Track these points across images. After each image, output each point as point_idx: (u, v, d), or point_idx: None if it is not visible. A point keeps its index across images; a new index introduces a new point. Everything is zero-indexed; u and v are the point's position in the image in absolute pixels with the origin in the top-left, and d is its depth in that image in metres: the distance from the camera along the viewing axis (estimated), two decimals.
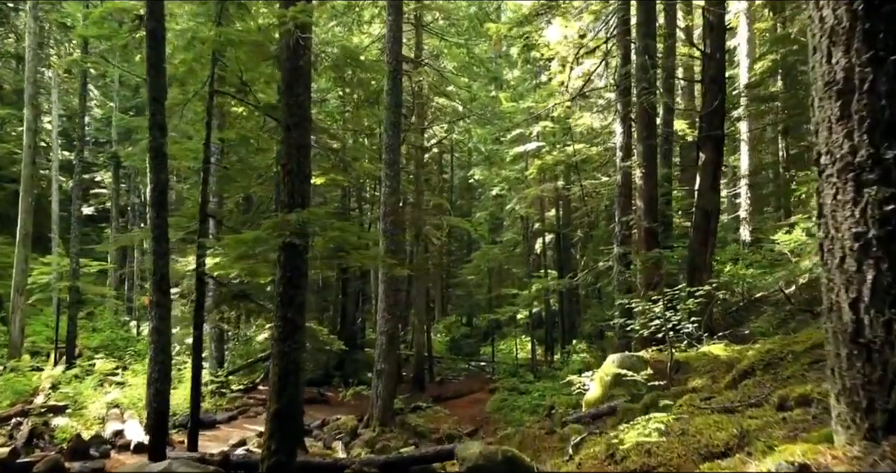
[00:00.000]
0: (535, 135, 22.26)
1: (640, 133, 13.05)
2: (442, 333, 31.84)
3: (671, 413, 4.45)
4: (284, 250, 6.95)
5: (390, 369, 14.45)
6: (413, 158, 22.53)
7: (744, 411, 3.99)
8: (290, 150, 7.14)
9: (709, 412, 4.19)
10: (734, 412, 4.02)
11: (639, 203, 12.88)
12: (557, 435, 7.26)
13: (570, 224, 24.73)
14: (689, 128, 19.38)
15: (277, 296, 7.03)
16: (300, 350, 7.00)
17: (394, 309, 14.63)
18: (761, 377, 5.40)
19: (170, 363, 8.24)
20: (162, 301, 8.28)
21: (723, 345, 8.79)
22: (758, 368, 5.64)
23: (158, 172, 8.35)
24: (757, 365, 5.67)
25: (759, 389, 4.93)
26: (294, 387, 6.90)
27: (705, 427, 3.58)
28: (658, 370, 8.63)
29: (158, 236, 8.25)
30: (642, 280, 12.19)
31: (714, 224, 12.58)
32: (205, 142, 9.33)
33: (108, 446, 11.37)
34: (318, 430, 13.93)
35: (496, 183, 26.49)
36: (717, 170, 12.46)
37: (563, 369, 19.09)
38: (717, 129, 12.22)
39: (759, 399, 4.22)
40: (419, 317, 22.05)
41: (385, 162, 14.63)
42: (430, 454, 8.47)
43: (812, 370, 4.94)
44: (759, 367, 5.62)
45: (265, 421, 6.88)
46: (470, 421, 16.69)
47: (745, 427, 3.26)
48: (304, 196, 7.12)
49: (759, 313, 14.05)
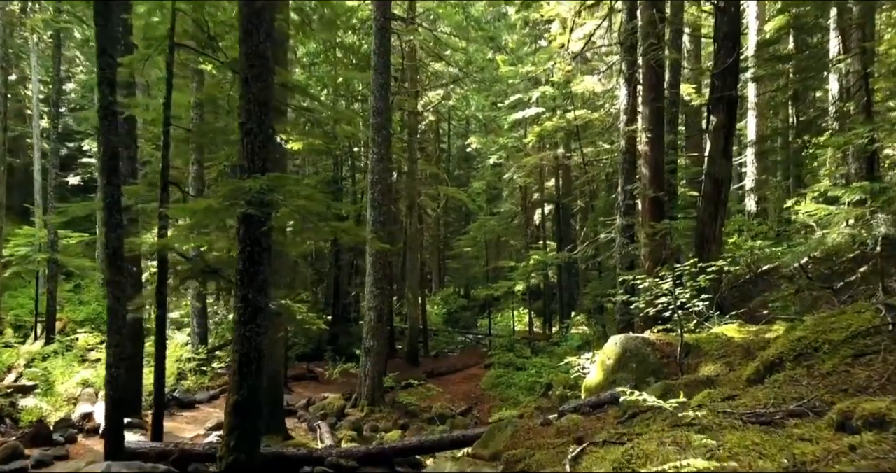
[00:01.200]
0: (535, 101, 21.20)
1: (645, 94, 12.06)
2: (439, 305, 31.18)
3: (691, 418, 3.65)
4: (243, 222, 6.08)
5: (379, 347, 13.73)
6: (406, 125, 21.51)
7: (786, 423, 3.19)
8: (249, 106, 6.23)
9: (739, 422, 3.38)
10: (773, 424, 3.21)
11: (644, 170, 11.97)
12: (554, 429, 6.50)
13: (571, 194, 23.80)
14: (695, 92, 18.35)
15: (237, 274, 6.19)
16: (264, 334, 6.19)
17: (382, 283, 13.84)
18: (792, 370, 4.60)
19: (125, 346, 7.44)
20: (116, 278, 7.44)
21: (736, 326, 7.99)
22: (787, 359, 4.83)
23: (108, 134, 7.43)
24: (786, 356, 4.85)
25: (793, 387, 4.12)
26: (256, 377, 6.11)
27: (741, 450, 2.77)
28: (666, 353, 7.85)
29: (110, 205, 7.37)
30: (647, 253, 11.35)
31: (725, 193, 11.68)
32: (165, 102, 8.38)
33: (76, 430, 10.69)
34: (303, 410, 13.24)
35: (493, 151, 25.47)
36: (729, 134, 11.50)
37: (561, 344, 18.41)
38: (731, 90, 11.22)
39: (803, 407, 3.41)
40: (413, 291, 21.29)
41: (372, 126, 13.69)
42: (413, 445, 7.74)
43: (858, 365, 4.12)
44: (789, 358, 4.81)
45: (224, 414, 6.11)
46: (464, 399, 16.05)
47: (798, 457, 2.46)
48: (267, 159, 6.23)
49: (768, 287, 13.27)
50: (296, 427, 12.32)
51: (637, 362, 7.65)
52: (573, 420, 6.68)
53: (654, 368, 7.53)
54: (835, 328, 4.81)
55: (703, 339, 7.69)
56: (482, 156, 30.95)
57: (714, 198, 11.36)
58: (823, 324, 4.95)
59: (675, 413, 4.22)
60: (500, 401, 15.18)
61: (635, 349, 7.78)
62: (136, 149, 11.61)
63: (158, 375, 8.32)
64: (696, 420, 3.60)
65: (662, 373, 7.48)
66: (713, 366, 6.79)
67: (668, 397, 6.19)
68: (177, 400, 13.17)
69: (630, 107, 12.67)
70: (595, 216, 19.59)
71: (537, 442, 6.04)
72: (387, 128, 14.01)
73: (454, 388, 17.06)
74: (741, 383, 5.20)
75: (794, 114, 23.00)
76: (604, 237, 13.99)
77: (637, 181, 12.44)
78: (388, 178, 14.28)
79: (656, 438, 3.43)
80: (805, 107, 23.16)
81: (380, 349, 13.77)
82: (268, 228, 6.13)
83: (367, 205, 13.91)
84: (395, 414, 13.45)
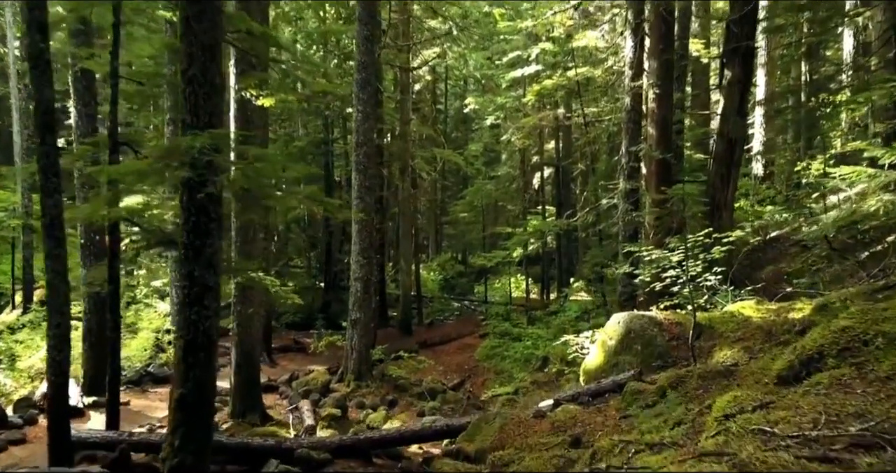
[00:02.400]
0: (534, 58, 20.01)
1: (653, 46, 10.99)
2: (435, 272, 30.43)
3: (720, 445, 2.82)
4: (186, 187, 5.18)
5: (366, 318, 12.96)
6: (398, 83, 20.35)
7: (854, 462, 2.37)
8: (191, 50, 5.26)
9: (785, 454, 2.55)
10: (836, 462, 2.39)
11: (651, 130, 10.99)
12: (548, 422, 5.73)
13: (571, 156, 22.76)
14: (703, 47, 17.20)
15: (181, 248, 5.32)
16: (213, 317, 5.36)
17: (369, 252, 12.99)
18: (838, 369, 3.77)
19: (68, 326, 6.62)
20: (55, 251, 6.56)
21: (753, 303, 7.16)
22: (829, 354, 4.00)
23: (41, 86, 6.47)
24: (827, 350, 4.02)
25: (845, 396, 3.29)
26: (205, 367, 5.29)
27: None
28: (674, 334, 7.04)
29: (45, 168, 6.44)
30: (652, 221, 10.47)
31: (738, 154, 10.79)
32: (111, 51, 7.39)
33: (37, 411, 9.99)
34: (285, 386, 12.53)
35: (491, 111, 24.30)
36: (745, 89, 10.53)
37: (559, 314, 17.67)
38: (748, 39, 10.20)
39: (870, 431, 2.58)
40: (406, 258, 20.46)
41: (357, 82, 12.63)
42: (392, 436, 6.98)
43: None
44: (831, 353, 3.98)
45: (168, 410, 5.31)
46: (457, 371, 15.36)
47: None
48: (213, 114, 5.29)
49: (778, 255, 12.43)
50: (276, 404, 11.64)
51: (642, 344, 6.85)
52: (570, 411, 5.91)
53: (660, 351, 6.73)
54: (888, 317, 3.97)
55: (717, 319, 6.87)
56: (480, 118, 29.76)
57: (726, 159, 10.45)
58: (874, 312, 4.10)
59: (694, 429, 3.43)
60: (494, 375, 14.50)
61: (640, 329, 6.97)
62: (94, 107, 10.63)
63: (113, 357, 7.54)
64: (725, 446, 2.77)
65: (671, 357, 6.69)
66: (729, 351, 5.99)
67: (679, 388, 5.39)
68: (151, 376, 12.48)
69: (636, 61, 11.61)
70: (596, 180, 18.65)
71: (528, 442, 5.27)
72: (372, 84, 12.95)
73: (447, 359, 16.37)
74: (770, 379, 4.38)
75: (807, 71, 21.81)
76: (605, 203, 13.06)
77: (642, 142, 11.47)
78: (374, 139, 13.28)
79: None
80: (818, 65, 21.96)
81: (367, 321, 13.00)
82: (216, 195, 5.23)
83: (352, 168, 12.95)
84: (384, 389, 12.76)
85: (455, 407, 12.17)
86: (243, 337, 10.02)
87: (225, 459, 6.96)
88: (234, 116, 9.53)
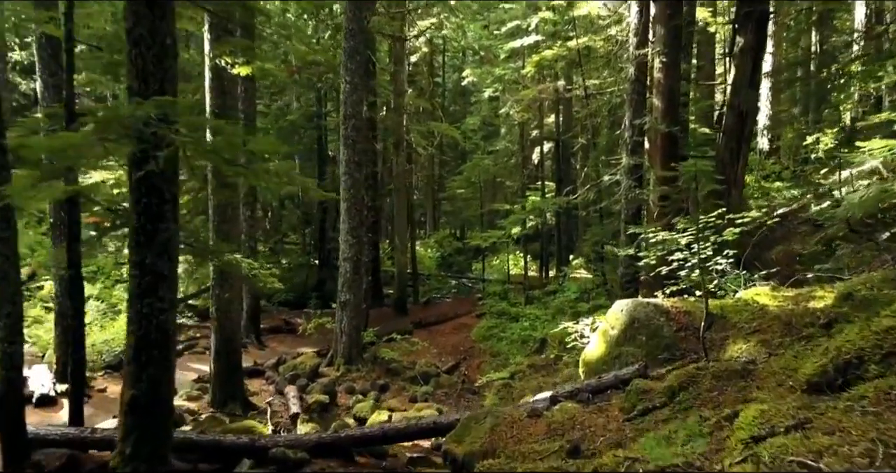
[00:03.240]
0: (534, 28, 19.17)
1: (660, 11, 10.24)
2: (432, 248, 29.88)
3: None
4: (135, 165, 4.57)
5: (356, 300, 12.43)
6: (392, 53, 19.54)
7: None
8: (137, 8, 4.60)
9: None
10: None
11: (656, 101, 10.30)
12: (544, 424, 5.19)
13: (571, 130, 22.01)
14: (710, 16, 16.40)
15: (131, 233, 4.73)
16: (169, 310, 4.78)
17: (359, 231, 12.40)
18: (883, 379, 3.20)
19: (19, 315, 6.06)
20: (4, 233, 6.00)
21: (769, 289, 6.58)
22: (870, 359, 3.43)
23: None
24: (868, 354, 3.46)
25: None
26: (160, 364, 4.73)
27: None
28: (683, 324, 6.48)
29: None
30: (656, 199, 9.84)
31: (749, 128, 10.13)
32: (65, 12, 6.71)
33: None
34: (272, 371, 12.03)
35: (489, 83, 23.49)
36: (758, 58, 9.83)
37: (558, 294, 17.14)
38: (762, 3, 9.48)
39: None
40: (401, 236, 19.86)
41: (345, 50, 11.90)
42: (374, 434, 6.47)
43: None
44: (874, 359, 3.41)
45: (119, 413, 4.77)
46: (452, 353, 14.88)
47: None
48: (165, 80, 4.65)
49: (787, 234, 11.84)
50: (262, 390, 11.16)
51: (647, 335, 6.29)
52: (568, 411, 5.37)
53: (667, 343, 6.18)
54: None
55: (730, 307, 6.30)
56: (478, 90, 28.91)
57: (737, 133, 9.80)
58: None
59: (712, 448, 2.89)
60: (490, 357, 14.02)
61: (645, 318, 6.41)
62: (62, 76, 9.91)
63: (76, 347, 6.99)
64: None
65: (678, 349, 6.14)
66: (745, 345, 5.43)
67: (690, 389, 4.82)
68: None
69: (642, 28, 10.88)
70: (597, 155, 17.97)
71: (521, 449, 4.72)
72: (362, 52, 12.21)
73: (443, 340, 15.88)
74: (798, 384, 3.82)
75: (818, 42, 20.99)
76: (608, 179, 12.42)
77: (647, 114, 10.80)
78: (363, 112, 12.58)
79: None
80: (828, 35, 21.13)
81: (357, 302, 12.48)
82: (168, 173, 4.62)
83: (339, 143, 12.30)
84: (375, 373, 12.29)
85: (448, 392, 11.71)
86: (223, 322, 9.49)
87: (196, 457, 6.47)
88: (208, 86, 8.86)
